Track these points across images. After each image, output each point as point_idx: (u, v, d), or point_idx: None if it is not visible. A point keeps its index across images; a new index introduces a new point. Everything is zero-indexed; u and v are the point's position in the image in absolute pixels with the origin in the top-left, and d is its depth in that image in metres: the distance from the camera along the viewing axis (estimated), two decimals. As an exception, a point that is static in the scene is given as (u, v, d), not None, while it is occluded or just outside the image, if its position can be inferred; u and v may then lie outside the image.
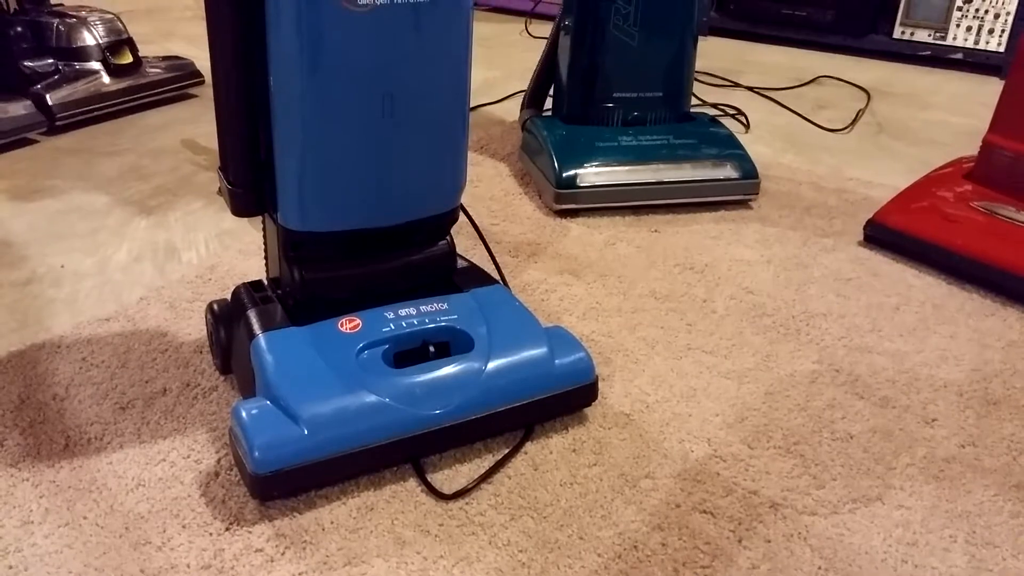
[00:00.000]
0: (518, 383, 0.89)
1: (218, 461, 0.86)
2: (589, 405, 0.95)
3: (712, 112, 1.83)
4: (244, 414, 0.81)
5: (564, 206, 1.42)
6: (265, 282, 0.97)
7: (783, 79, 2.28)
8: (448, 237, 0.96)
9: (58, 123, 1.72)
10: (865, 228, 1.38)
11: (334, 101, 0.80)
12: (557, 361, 0.91)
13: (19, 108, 1.67)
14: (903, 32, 2.54)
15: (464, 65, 0.87)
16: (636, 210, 1.45)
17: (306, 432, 0.79)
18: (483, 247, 1.14)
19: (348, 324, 0.89)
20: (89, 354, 1.02)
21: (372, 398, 0.82)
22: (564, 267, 1.27)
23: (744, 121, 1.92)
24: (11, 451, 0.86)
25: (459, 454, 0.88)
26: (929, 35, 2.51)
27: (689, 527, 0.81)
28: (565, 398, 0.92)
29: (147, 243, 1.30)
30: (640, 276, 1.25)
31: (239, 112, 0.84)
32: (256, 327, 0.88)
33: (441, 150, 0.89)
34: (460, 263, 1.00)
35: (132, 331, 1.07)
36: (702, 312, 1.17)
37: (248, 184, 0.86)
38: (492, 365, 0.88)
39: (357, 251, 0.90)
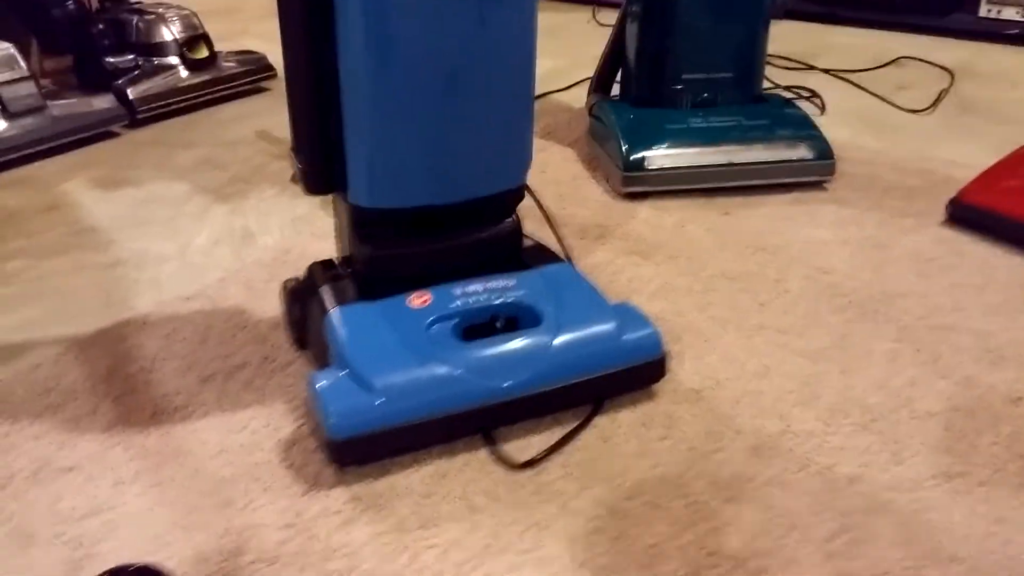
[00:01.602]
0: (586, 357, 0.89)
1: (296, 429, 0.88)
2: (658, 381, 0.94)
3: (786, 95, 1.80)
4: (319, 383, 0.83)
5: (632, 189, 1.41)
6: (336, 261, 0.99)
7: (861, 61, 2.22)
8: (514, 215, 0.97)
9: (138, 116, 1.79)
10: (948, 208, 1.33)
11: (400, 80, 0.82)
12: (625, 336, 0.91)
13: (103, 102, 1.74)
14: (989, 10, 2.44)
15: (530, 40, 0.87)
16: (706, 193, 1.43)
17: (379, 400, 0.81)
18: (549, 230, 1.15)
19: (418, 299, 0.90)
20: (172, 330, 1.06)
21: (443, 369, 0.84)
22: (632, 248, 1.26)
23: (820, 103, 1.87)
24: (103, 418, 0.90)
25: (529, 426, 0.88)
26: (1017, 12, 2.41)
27: (763, 499, 0.80)
28: (633, 373, 0.91)
29: (224, 228, 1.35)
30: (711, 257, 1.24)
31: (309, 95, 0.86)
32: (328, 302, 0.90)
33: (507, 126, 0.90)
34: (526, 242, 1.00)
35: (212, 309, 1.10)
36: (775, 292, 1.15)
37: (319, 163, 0.88)
38: (560, 339, 0.88)
39: (425, 228, 0.91)
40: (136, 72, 1.82)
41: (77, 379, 0.97)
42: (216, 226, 1.36)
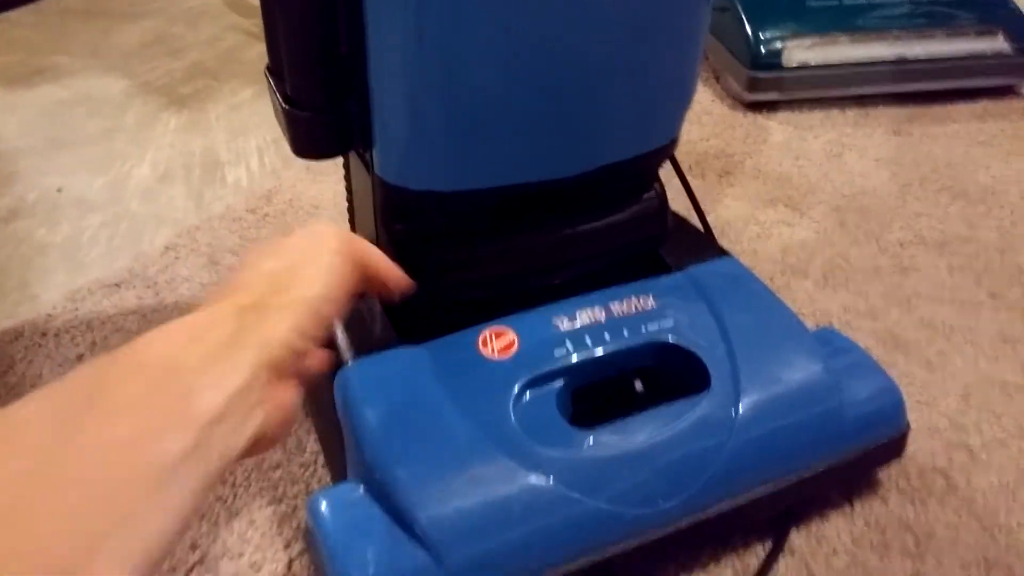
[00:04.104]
0: (790, 442, 0.51)
1: (288, 566, 0.52)
2: (888, 464, 0.57)
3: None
4: (330, 519, 0.46)
5: (761, 96, 0.99)
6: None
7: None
8: (657, 185, 0.56)
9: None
10: None
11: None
12: (847, 396, 0.53)
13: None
14: None
15: None
16: (862, 101, 1.01)
17: (438, 556, 0.44)
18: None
19: (496, 341, 0.52)
20: (89, 348, 0.67)
21: (548, 485, 0.46)
22: (775, 194, 0.86)
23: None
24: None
25: (684, 563, 0.52)
26: None
27: None
28: (860, 461, 0.54)
29: (178, 153, 0.93)
30: (893, 209, 0.84)
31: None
32: (341, 347, 0.51)
33: (670, 45, 0.48)
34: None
35: (153, 305, 0.72)
36: (1005, 271, 0.76)
37: (322, 104, 0.46)
38: (745, 411, 0.50)
39: (510, 217, 0.51)
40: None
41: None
42: (165, 148, 0.94)
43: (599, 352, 0.52)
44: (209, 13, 1.29)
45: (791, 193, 0.86)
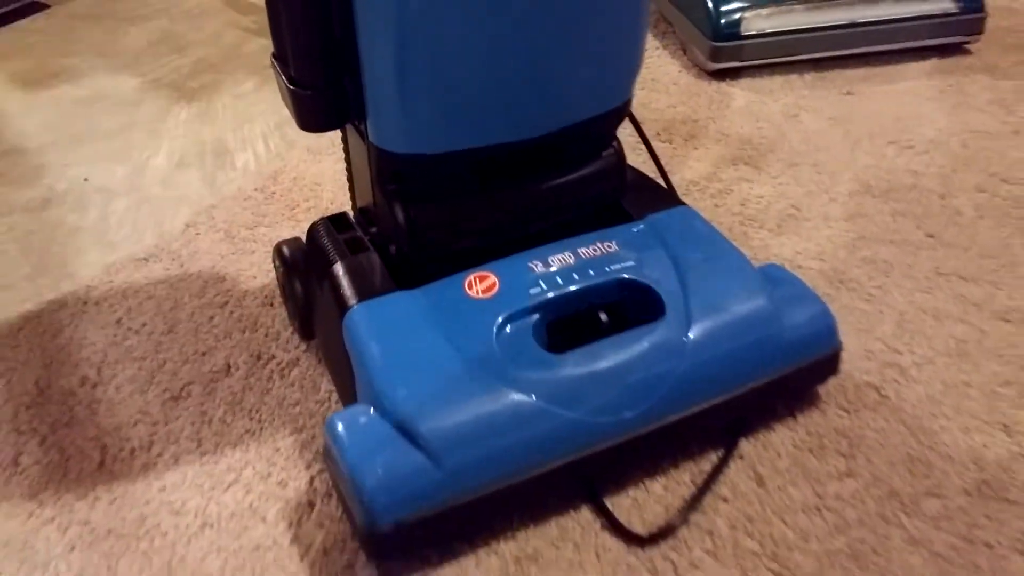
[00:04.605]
0: (735, 361, 0.60)
1: (310, 482, 0.61)
2: (824, 382, 0.66)
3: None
4: (345, 435, 0.54)
5: (724, 64, 1.07)
6: (351, 215, 0.68)
7: None
8: (614, 143, 0.65)
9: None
10: None
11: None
12: (786, 321, 0.61)
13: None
14: None
15: None
16: (818, 65, 1.09)
17: (437, 460, 0.53)
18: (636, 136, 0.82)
19: (479, 284, 0.60)
20: (126, 313, 0.76)
21: (528, 400, 0.55)
22: (736, 154, 0.94)
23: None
24: (29, 472, 0.63)
25: (647, 467, 0.61)
26: None
27: (1011, 580, 0.53)
28: (798, 376, 0.63)
29: (190, 142, 1.02)
30: (843, 162, 0.92)
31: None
32: (348, 293, 0.60)
33: (615, 16, 0.57)
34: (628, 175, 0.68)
35: (179, 275, 0.80)
36: (944, 215, 0.84)
37: (321, 83, 0.55)
38: (695, 336, 0.59)
39: (488, 176, 0.60)
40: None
41: (-8, 403, 0.68)
42: (179, 138, 1.03)
43: (569, 289, 0.60)
44: (209, 12, 1.37)
45: (751, 153, 0.94)
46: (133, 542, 0.57)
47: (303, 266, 0.68)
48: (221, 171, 0.96)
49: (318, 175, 0.93)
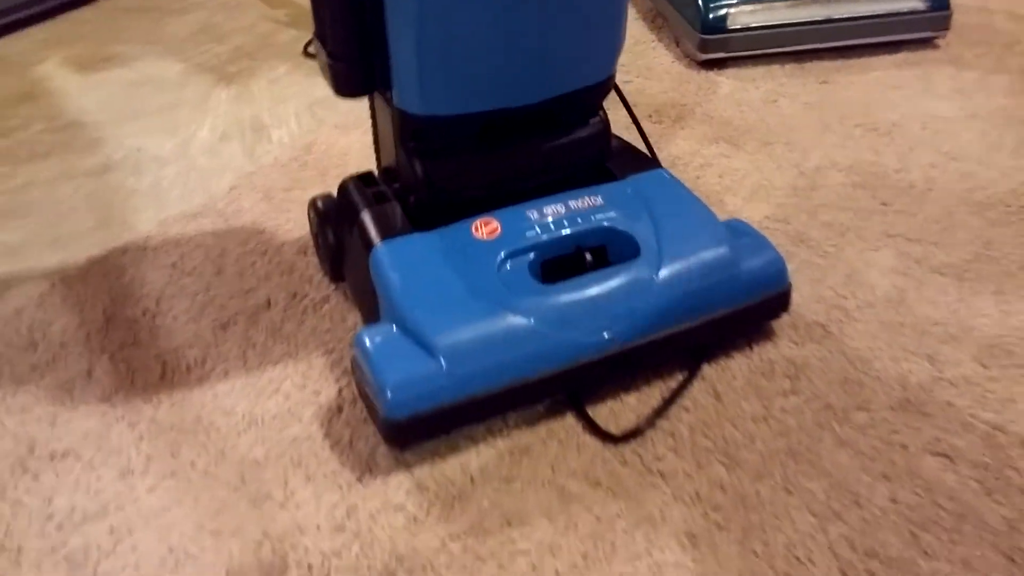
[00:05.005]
0: (698, 295, 0.71)
1: (339, 392, 0.72)
2: (778, 317, 0.77)
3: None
4: (370, 346, 0.66)
5: (712, 55, 1.18)
6: (376, 174, 0.80)
7: None
8: (600, 112, 0.76)
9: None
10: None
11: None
12: (743, 264, 0.73)
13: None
14: None
15: None
16: (798, 56, 1.20)
17: (446, 366, 0.64)
18: (625, 114, 0.93)
19: (484, 228, 0.72)
20: (179, 258, 0.88)
21: (523, 322, 0.66)
22: (719, 134, 1.06)
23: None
24: (101, 382, 0.75)
25: (622, 383, 0.72)
26: None
27: (922, 476, 0.64)
28: (753, 311, 0.74)
29: (231, 119, 1.14)
30: (814, 142, 1.03)
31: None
32: (373, 234, 0.71)
33: (598, 4, 0.68)
34: (613, 142, 0.80)
35: (225, 229, 0.92)
36: (898, 187, 0.95)
37: (354, 56, 0.67)
38: (664, 274, 0.70)
39: (492, 137, 0.71)
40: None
41: (68, 327, 0.80)
42: (221, 116, 1.15)
43: (560, 234, 0.72)
44: (244, 5, 1.49)
45: (731, 133, 1.06)
46: (191, 435, 0.69)
47: (334, 217, 0.79)
48: (259, 144, 1.08)
49: (346, 147, 1.05)
